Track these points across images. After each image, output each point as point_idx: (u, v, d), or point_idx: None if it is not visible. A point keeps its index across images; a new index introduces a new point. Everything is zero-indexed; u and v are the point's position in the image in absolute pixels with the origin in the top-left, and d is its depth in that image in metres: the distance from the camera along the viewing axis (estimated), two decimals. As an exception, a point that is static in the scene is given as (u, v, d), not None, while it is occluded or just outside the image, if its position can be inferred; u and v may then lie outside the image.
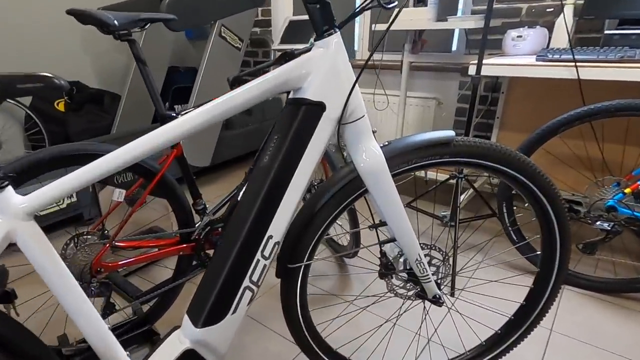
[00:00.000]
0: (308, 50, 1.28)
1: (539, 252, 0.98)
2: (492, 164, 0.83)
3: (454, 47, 2.27)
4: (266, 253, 0.72)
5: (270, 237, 0.71)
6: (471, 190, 1.92)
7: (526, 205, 0.93)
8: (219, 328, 0.70)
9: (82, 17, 0.99)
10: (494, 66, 1.42)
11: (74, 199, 2.05)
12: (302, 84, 0.69)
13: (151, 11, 2.94)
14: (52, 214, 1.95)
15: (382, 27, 1.99)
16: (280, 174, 0.69)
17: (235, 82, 1.42)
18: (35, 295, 1.46)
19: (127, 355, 0.68)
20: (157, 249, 1.24)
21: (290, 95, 0.72)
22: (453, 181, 1.70)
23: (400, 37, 2.17)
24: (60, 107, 2.86)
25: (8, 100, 2.60)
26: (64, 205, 1.99)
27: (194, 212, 1.31)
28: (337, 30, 0.69)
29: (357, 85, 0.72)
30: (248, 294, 0.72)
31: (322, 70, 0.68)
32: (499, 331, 1.08)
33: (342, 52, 0.70)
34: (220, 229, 1.34)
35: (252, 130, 2.92)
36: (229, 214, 1.35)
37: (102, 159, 0.60)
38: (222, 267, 0.70)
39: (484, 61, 1.44)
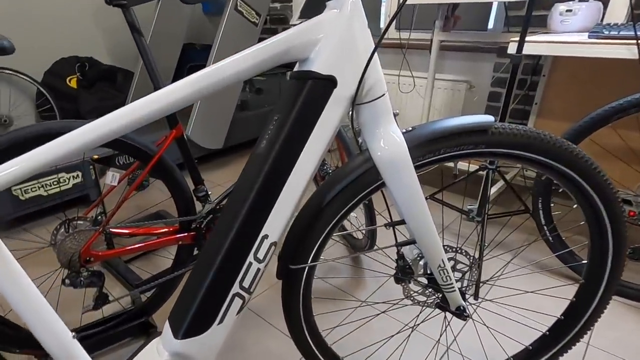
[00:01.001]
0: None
1: (582, 260, 0.84)
2: (537, 157, 0.68)
3: (490, 25, 2.07)
4: (260, 255, 0.60)
5: (266, 236, 0.60)
6: (502, 182, 1.75)
7: (574, 206, 0.78)
8: (202, 340, 0.60)
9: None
10: (538, 44, 1.23)
11: (80, 179, 1.99)
12: (309, 53, 0.56)
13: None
14: (54, 195, 1.90)
15: (413, 1, 1.81)
16: (279, 162, 0.57)
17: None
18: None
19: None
20: (155, 237, 1.15)
21: (295, 68, 0.59)
22: (482, 172, 1.54)
23: (430, 12, 1.98)
24: (72, 83, 2.81)
25: (20, 75, 2.56)
26: (69, 185, 1.93)
27: (195, 199, 1.21)
28: (353, -14, 0.56)
29: (376, 56, 0.58)
30: (238, 301, 0.61)
31: (334, 37, 0.55)
32: (530, 347, 0.94)
33: (359, 15, 0.56)
34: (224, 217, 1.24)
35: (268, 112, 2.80)
36: (235, 202, 1.25)
37: (80, 129, 0.50)
38: (208, 270, 0.59)
39: (527, 38, 1.26)
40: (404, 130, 0.66)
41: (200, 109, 2.29)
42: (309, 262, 0.75)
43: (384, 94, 0.61)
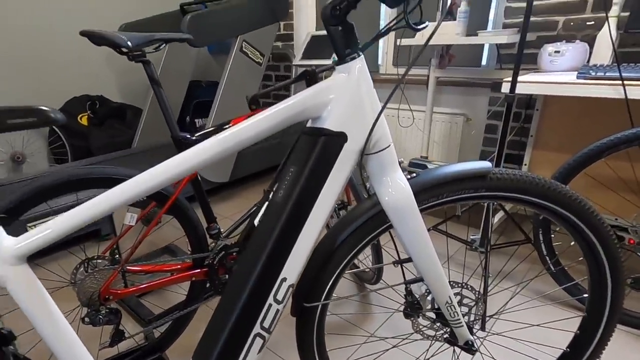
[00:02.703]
0: (330, 68, 1.22)
1: (586, 293, 0.87)
2: (534, 199, 0.73)
3: (483, 62, 2.17)
4: (279, 297, 0.65)
5: (284, 279, 0.64)
6: (501, 212, 1.80)
7: (572, 243, 0.83)
8: (226, 380, 0.63)
9: (95, 38, 0.96)
10: (530, 84, 1.31)
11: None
12: (322, 112, 0.62)
13: (174, 27, 3.00)
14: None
15: (407, 41, 1.92)
16: (296, 211, 0.63)
17: (254, 102, 1.38)
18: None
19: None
20: (169, 274, 1.19)
21: (308, 124, 0.66)
22: (483, 203, 1.59)
23: (426, 51, 2.09)
24: (84, 121, 2.91)
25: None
26: (84, 221, 1.99)
27: (207, 236, 1.26)
28: (361, 54, 0.63)
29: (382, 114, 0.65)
30: (259, 341, 0.65)
31: (343, 98, 0.62)
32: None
33: (365, 77, 0.63)
34: (235, 254, 1.28)
35: (273, 145, 2.89)
36: (245, 239, 1.29)
37: (108, 193, 0.55)
38: (231, 313, 0.63)
39: (519, 78, 1.34)
40: (409, 177, 0.71)
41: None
42: (322, 300, 0.79)
43: (389, 145, 0.67)
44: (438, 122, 2.25)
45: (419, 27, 0.62)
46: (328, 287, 0.78)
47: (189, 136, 1.13)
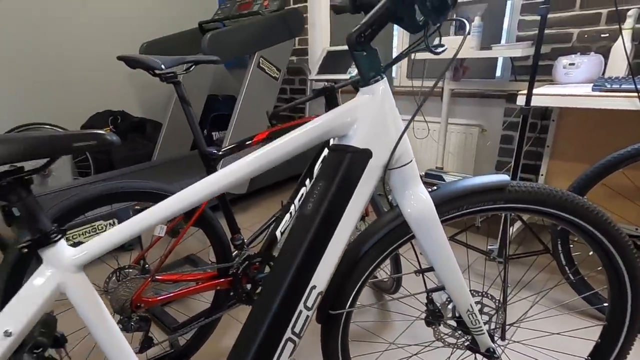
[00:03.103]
0: (348, 84, 1.26)
1: (606, 302, 0.89)
2: (551, 210, 0.76)
3: (498, 73, 2.20)
4: (309, 304, 0.69)
5: (314, 287, 0.68)
6: (519, 222, 1.81)
7: (590, 253, 0.85)
8: (259, 382, 0.67)
9: (131, 62, 1.03)
10: (545, 96, 1.34)
11: (115, 225, 2.13)
12: (348, 131, 0.67)
13: (193, 44, 3.10)
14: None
15: (421, 55, 1.97)
16: (325, 223, 0.67)
17: (274, 117, 1.44)
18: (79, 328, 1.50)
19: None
20: (195, 283, 1.24)
21: (335, 142, 0.70)
22: (502, 214, 1.61)
23: (441, 62, 2.13)
24: (107, 135, 3.02)
25: (58, 129, 2.79)
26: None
27: (232, 246, 1.31)
28: (384, 76, 0.67)
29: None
30: (290, 345, 0.69)
31: (368, 118, 0.66)
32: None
33: (388, 97, 0.68)
34: (257, 264, 1.33)
35: (291, 158, 2.94)
36: (267, 249, 1.33)
37: (150, 211, 0.60)
38: (264, 319, 0.67)
39: (534, 90, 1.37)
40: (430, 190, 0.75)
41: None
42: (347, 307, 0.83)
43: (411, 160, 0.71)
44: (453, 133, 2.28)
45: (438, 50, 0.66)
46: (353, 295, 0.82)
47: (215, 151, 1.19)
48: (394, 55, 2.75)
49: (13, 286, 0.95)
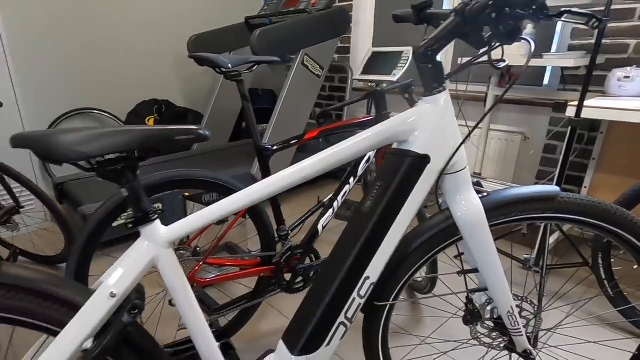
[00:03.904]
0: (397, 87, 1.31)
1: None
2: (599, 223, 0.79)
3: (545, 81, 2.17)
4: (362, 293, 0.75)
5: (367, 278, 0.75)
6: (558, 234, 1.80)
7: (635, 267, 0.86)
8: (313, 357, 0.75)
9: (201, 60, 1.12)
10: (597, 109, 1.33)
11: (160, 208, 2.26)
12: (409, 137, 0.72)
13: (239, 39, 3.20)
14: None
15: (467, 59, 1.97)
16: (382, 220, 0.73)
17: (322, 116, 1.51)
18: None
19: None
20: (240, 269, 1.33)
21: (395, 146, 0.76)
22: (550, 224, 1.61)
23: (486, 68, 2.12)
24: (151, 122, 3.19)
25: (108, 114, 3.00)
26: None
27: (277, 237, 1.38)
28: (446, 87, 0.72)
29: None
30: (342, 329, 0.76)
31: (430, 126, 0.71)
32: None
33: (449, 107, 0.72)
34: (299, 255, 1.40)
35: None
36: (308, 242, 1.41)
37: (228, 200, 0.68)
38: (321, 302, 0.74)
39: (585, 102, 1.37)
40: (481, 196, 0.79)
41: (268, 150, 2.54)
42: (391, 300, 0.89)
43: (465, 167, 0.76)
44: (494, 139, 2.27)
45: (499, 65, 0.70)
46: (398, 289, 0.88)
47: (269, 146, 1.27)
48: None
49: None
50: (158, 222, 0.64)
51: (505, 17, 0.60)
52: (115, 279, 0.61)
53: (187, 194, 1.71)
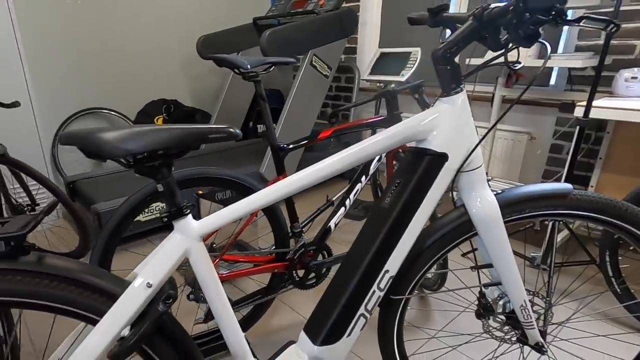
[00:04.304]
0: (408, 87, 1.33)
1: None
2: (610, 219, 0.81)
3: (552, 81, 2.19)
4: (382, 285, 0.78)
5: (387, 271, 0.78)
6: (565, 232, 1.82)
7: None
8: (334, 348, 0.78)
9: (220, 61, 1.15)
10: (605, 109, 1.36)
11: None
12: (427, 136, 0.75)
13: (247, 39, 3.24)
14: (152, 221, 2.20)
15: (476, 61, 2.00)
16: (401, 215, 0.76)
17: (334, 116, 1.54)
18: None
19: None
20: (255, 265, 1.36)
21: (413, 145, 0.79)
22: (561, 220, 1.63)
23: (493, 69, 2.15)
24: (159, 122, 3.23)
25: (117, 114, 3.05)
26: (160, 215, 2.24)
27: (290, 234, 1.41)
28: (463, 88, 0.75)
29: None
30: (362, 320, 0.79)
31: (447, 125, 0.74)
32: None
33: (466, 108, 0.75)
34: (312, 252, 1.43)
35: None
36: (321, 239, 1.44)
37: (254, 196, 0.71)
38: (343, 294, 0.77)
39: (593, 103, 1.39)
40: (495, 193, 0.82)
41: (276, 150, 2.57)
42: (407, 293, 0.92)
43: (480, 165, 0.79)
44: (500, 139, 2.30)
45: (515, 67, 0.73)
46: (413, 283, 0.91)
47: (285, 145, 1.30)
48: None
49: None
50: (190, 216, 0.68)
51: (525, 22, 0.62)
52: (150, 270, 0.64)
53: (200, 192, 1.75)
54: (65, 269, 0.61)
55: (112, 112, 3.05)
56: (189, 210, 0.67)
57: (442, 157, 0.75)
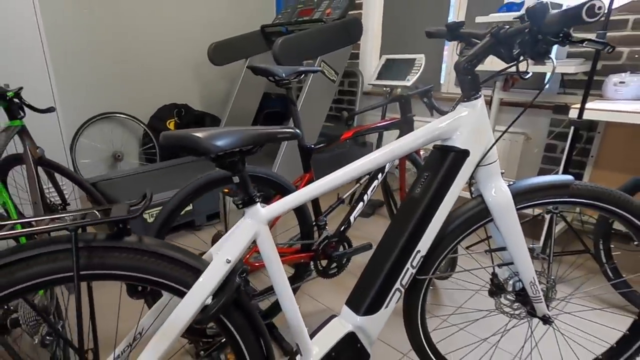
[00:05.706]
0: (418, 92, 1.46)
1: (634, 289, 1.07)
2: (607, 206, 0.96)
3: (546, 85, 2.36)
4: (414, 263, 0.91)
5: (419, 251, 0.91)
6: (561, 225, 1.97)
7: (635, 243, 1.04)
8: (374, 318, 0.91)
9: (258, 70, 1.28)
10: (597, 111, 1.52)
11: (190, 207, 2.42)
12: (452, 135, 0.89)
13: (254, 45, 3.36)
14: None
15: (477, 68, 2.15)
16: (430, 203, 0.89)
17: (351, 118, 1.68)
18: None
19: (307, 331, 0.91)
20: (282, 255, 1.49)
21: (439, 142, 0.92)
22: (546, 215, 1.78)
23: (490, 73, 2.30)
24: (171, 125, 3.34)
25: (132, 118, 3.16)
26: (183, 213, 2.36)
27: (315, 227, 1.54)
28: (481, 94, 0.89)
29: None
30: (397, 294, 0.92)
31: (469, 126, 0.88)
32: (600, 357, 1.17)
33: (484, 111, 0.89)
34: (334, 243, 1.56)
35: (344, 152, 3.14)
36: (342, 231, 1.57)
37: (318, 183, 0.83)
38: (381, 271, 0.90)
39: (585, 105, 1.55)
40: (508, 184, 0.96)
41: (285, 151, 2.70)
42: (430, 274, 1.05)
43: (495, 160, 0.93)
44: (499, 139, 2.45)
45: (525, 76, 0.87)
46: (437, 263, 1.04)
47: (312, 145, 1.43)
48: (444, 67, 2.93)
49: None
50: (259, 204, 0.80)
51: (538, 42, 0.77)
52: (228, 248, 0.77)
53: (226, 190, 1.87)
54: (160, 247, 0.73)
55: (127, 117, 3.17)
56: (259, 199, 0.79)
57: (464, 153, 0.89)
